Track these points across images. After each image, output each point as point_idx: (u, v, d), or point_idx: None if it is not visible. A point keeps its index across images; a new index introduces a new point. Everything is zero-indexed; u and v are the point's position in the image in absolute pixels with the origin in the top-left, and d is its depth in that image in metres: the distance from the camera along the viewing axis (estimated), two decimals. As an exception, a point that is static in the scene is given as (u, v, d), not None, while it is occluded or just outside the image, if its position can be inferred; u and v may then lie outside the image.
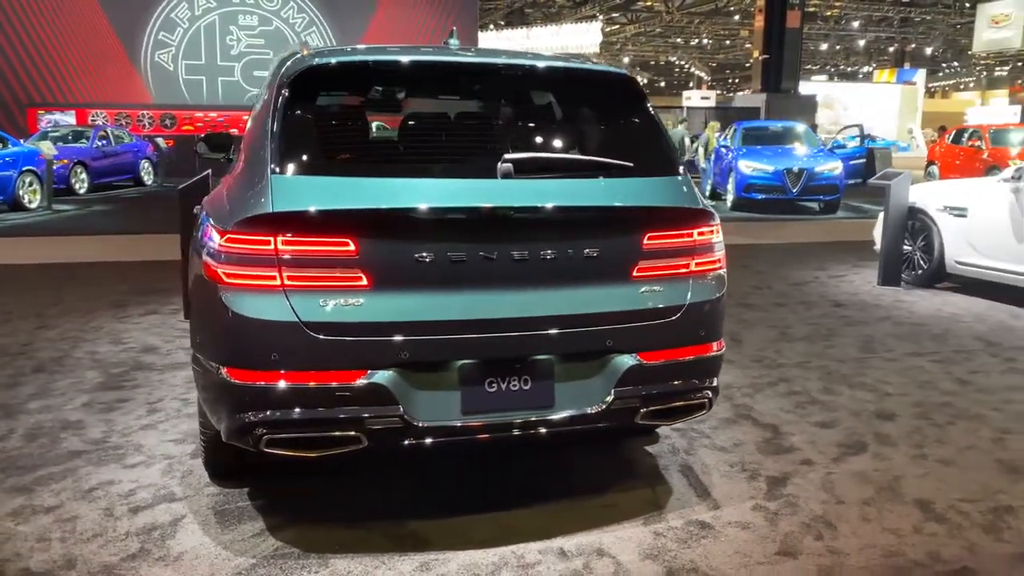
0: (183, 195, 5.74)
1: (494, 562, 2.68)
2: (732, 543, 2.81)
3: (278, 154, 2.56)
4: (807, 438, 3.77)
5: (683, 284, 2.82)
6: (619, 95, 2.95)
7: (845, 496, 3.18)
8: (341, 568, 2.64)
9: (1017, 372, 4.88)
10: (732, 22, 37.70)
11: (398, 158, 2.85)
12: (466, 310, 2.57)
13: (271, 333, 2.49)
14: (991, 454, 3.62)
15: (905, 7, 35.26)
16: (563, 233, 2.65)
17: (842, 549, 2.78)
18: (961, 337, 5.69)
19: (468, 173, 2.64)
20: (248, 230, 2.48)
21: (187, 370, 4.67)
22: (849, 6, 34.59)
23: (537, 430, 2.69)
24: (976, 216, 6.86)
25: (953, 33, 39.21)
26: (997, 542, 2.85)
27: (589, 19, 35.32)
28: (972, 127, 17.71)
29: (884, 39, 41.90)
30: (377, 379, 2.52)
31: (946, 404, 4.27)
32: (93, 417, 3.95)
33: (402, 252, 2.53)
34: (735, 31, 39.58)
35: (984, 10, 23.64)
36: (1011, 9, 22.81)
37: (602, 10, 36.19)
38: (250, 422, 2.54)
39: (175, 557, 2.69)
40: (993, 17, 23.22)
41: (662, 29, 40.47)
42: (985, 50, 25.71)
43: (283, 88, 2.72)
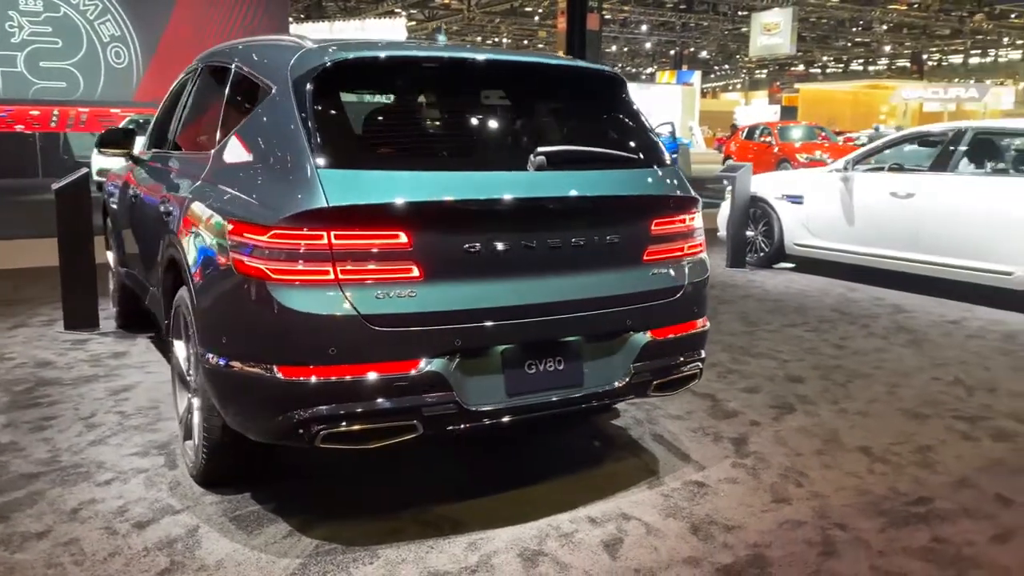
0: (60, 195, 5.32)
1: (535, 535, 2.82)
2: (732, 497, 3.13)
3: (321, 149, 2.55)
4: (743, 403, 4.19)
5: (682, 266, 3.10)
6: (614, 91, 3.18)
7: (800, 449, 3.60)
8: (393, 556, 2.68)
9: (876, 336, 5.63)
10: (531, 22, 38.99)
11: (437, 151, 2.90)
12: (509, 297, 2.69)
13: (329, 327, 2.48)
14: (892, 404, 4.22)
15: (683, 13, 38.09)
16: (590, 221, 2.84)
17: (822, 492, 3.18)
18: (817, 309, 6.44)
19: (503, 165, 2.76)
20: (299, 225, 2.46)
21: (105, 382, 4.38)
22: (636, 11, 36.84)
23: (575, 407, 2.87)
24: (811, 203, 7.74)
25: (725, 38, 42.90)
26: (934, 474, 3.37)
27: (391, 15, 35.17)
28: (763, 124, 19.58)
29: (665, 43, 45.02)
30: (433, 367, 2.58)
31: (837, 367, 4.87)
32: (26, 438, 3.63)
33: (452, 243, 2.61)
34: (534, 31, 40.95)
35: (758, 18, 26.19)
36: (780, 18, 25.46)
37: (403, 6, 36.16)
38: (305, 419, 2.52)
39: (215, 566, 2.61)
40: (766, 25, 25.78)
41: (460, 27, 41.09)
42: (760, 55, 28.46)
43: (306, 82, 2.70)
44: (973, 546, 2.78)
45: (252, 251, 2.54)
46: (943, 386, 4.52)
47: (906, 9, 36.69)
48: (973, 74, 54.19)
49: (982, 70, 55.36)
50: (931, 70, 52.73)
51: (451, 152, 2.90)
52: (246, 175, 2.82)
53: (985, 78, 51.68)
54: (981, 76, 52.81)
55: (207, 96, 3.76)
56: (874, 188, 7.16)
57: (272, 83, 2.88)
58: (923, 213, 6.76)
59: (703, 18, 37.79)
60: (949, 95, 39.95)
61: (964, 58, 55.48)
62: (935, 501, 3.12)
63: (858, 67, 57.63)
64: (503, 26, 39.92)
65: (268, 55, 3.12)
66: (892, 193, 6.99)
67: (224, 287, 2.68)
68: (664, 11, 37.70)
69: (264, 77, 2.97)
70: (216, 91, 3.56)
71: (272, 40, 3.30)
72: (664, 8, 37.42)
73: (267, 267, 2.50)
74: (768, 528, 2.88)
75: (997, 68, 55.45)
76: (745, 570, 2.61)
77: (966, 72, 55.16)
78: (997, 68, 55.45)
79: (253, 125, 2.93)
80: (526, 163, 2.76)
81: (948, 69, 56.24)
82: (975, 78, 51.54)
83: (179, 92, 4.32)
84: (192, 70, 4.17)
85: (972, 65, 56.08)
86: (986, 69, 55.37)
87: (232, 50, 3.57)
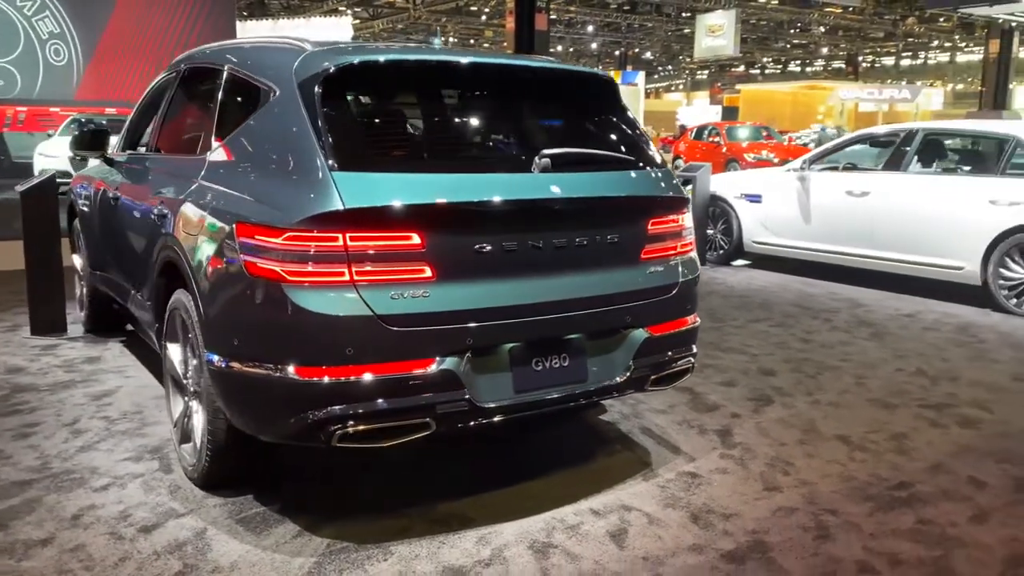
0: (25, 197, 5.21)
1: (542, 528, 2.89)
2: (725, 486, 3.24)
3: (333, 151, 2.57)
4: (722, 396, 4.32)
5: (675, 264, 3.20)
6: (608, 94, 3.27)
7: (782, 439, 3.74)
8: (406, 552, 2.72)
9: (838, 330, 5.84)
10: (478, 22, 38.99)
11: (443, 154, 2.94)
12: (516, 295, 2.76)
13: (346, 328, 2.52)
14: (862, 395, 4.40)
15: (628, 14, 38.52)
16: (592, 221, 2.92)
17: (809, 480, 3.31)
18: (780, 305, 6.65)
19: (508, 167, 2.82)
20: (315, 227, 2.49)
21: (83, 387, 4.32)
22: (582, 11, 37.14)
23: (576, 402, 2.95)
24: (769, 202, 7.97)
25: (668, 39, 43.52)
26: (910, 460, 3.53)
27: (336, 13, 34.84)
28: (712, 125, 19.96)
29: (610, 43, 45.48)
30: (446, 365, 2.63)
31: (806, 359, 5.05)
32: (11, 445, 3.57)
33: (462, 243, 2.66)
34: (480, 31, 40.97)
35: (702, 20, 26.66)
36: (724, 20, 25.97)
37: (347, 5, 35.84)
38: (321, 419, 2.54)
39: (229, 567, 2.62)
40: (710, 27, 26.26)
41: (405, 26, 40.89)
42: (704, 57, 28.95)
43: (313, 85, 2.72)
44: (956, 527, 2.94)
45: (265, 253, 2.55)
46: (907, 376, 4.73)
47: (842, 12, 37.72)
48: (904, 76, 56.02)
49: (912, 72, 57.27)
50: (865, 71, 54.30)
51: (458, 154, 2.95)
52: (251, 177, 2.83)
53: (915, 79, 53.45)
54: (912, 77, 54.62)
55: (195, 98, 3.74)
56: (830, 187, 7.41)
57: (275, 86, 2.89)
58: (877, 211, 7.02)
59: (647, 19, 38.28)
60: (884, 96, 41.22)
61: (896, 60, 57.31)
62: (915, 485, 3.28)
63: (795, 68, 59.07)
64: (449, 25, 39.85)
65: (267, 57, 3.13)
66: (848, 192, 7.24)
67: (234, 290, 2.69)
68: (609, 12, 38.07)
69: (265, 79, 2.98)
70: (205, 93, 3.54)
71: (268, 42, 3.30)
72: (609, 9, 37.79)
73: (282, 269, 2.52)
74: (763, 515, 3.00)
75: (926, 70, 57.42)
76: (748, 555, 2.72)
77: (898, 74, 56.99)
78: (926, 70, 57.42)
79: (255, 127, 2.94)
80: (530, 165, 2.82)
81: (881, 70, 58.02)
82: (906, 79, 53.28)
83: (159, 93, 4.27)
84: (174, 71, 4.12)
85: (903, 67, 57.97)
86: (916, 71, 57.29)
87: (222, 52, 3.56)
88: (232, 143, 3.06)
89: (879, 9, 36.45)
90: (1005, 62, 31.71)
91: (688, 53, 46.97)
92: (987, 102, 32.05)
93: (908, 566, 2.67)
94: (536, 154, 2.85)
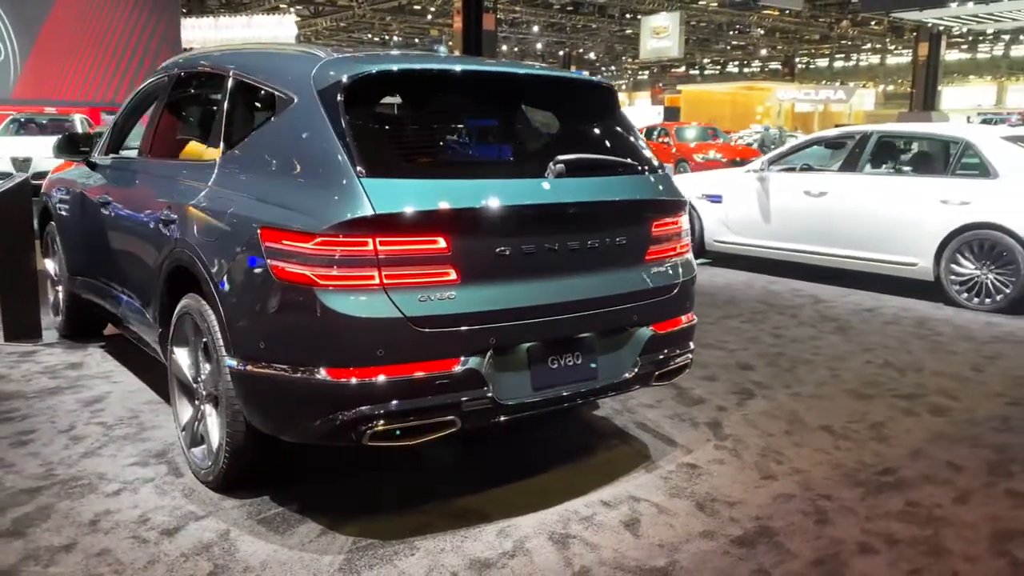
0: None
1: (557, 520, 3.00)
2: (724, 476, 3.40)
3: (360, 158, 2.64)
4: (706, 391, 4.49)
5: (676, 264, 3.34)
6: (610, 101, 3.39)
7: (770, 430, 3.92)
8: (431, 547, 2.81)
9: (805, 325, 6.08)
10: (422, 20, 38.91)
11: (463, 160, 3.03)
12: (534, 296, 2.87)
13: (377, 330, 2.59)
14: (838, 386, 4.62)
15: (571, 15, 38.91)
16: (603, 223, 3.04)
17: (801, 468, 3.49)
18: (746, 302, 6.88)
19: (524, 173, 2.92)
20: (346, 232, 2.56)
21: (72, 394, 4.28)
22: (527, 11, 37.38)
23: (588, 398, 3.06)
24: (730, 202, 8.22)
25: (611, 40, 44.07)
26: (891, 447, 3.75)
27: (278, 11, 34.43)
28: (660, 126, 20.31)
29: (555, 43, 45.84)
30: (471, 365, 2.73)
31: (779, 354, 5.26)
32: (10, 453, 3.53)
33: (484, 247, 2.75)
34: (425, 29, 40.89)
35: (647, 22, 27.13)
36: (668, 22, 26.47)
37: (289, 1, 35.44)
38: (352, 419, 2.61)
39: (260, 567, 2.67)
40: (655, 29, 26.73)
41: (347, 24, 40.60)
42: (649, 58, 29.47)
43: (335, 93, 2.78)
44: (942, 507, 3.15)
45: (294, 258, 2.61)
46: (876, 368, 4.97)
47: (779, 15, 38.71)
48: (838, 77, 57.70)
49: (845, 73, 59.07)
50: (800, 73, 55.76)
51: (476, 160, 3.05)
52: (271, 183, 2.87)
53: (848, 80, 55.08)
54: (845, 79, 56.28)
55: (195, 103, 3.74)
56: (789, 187, 7.68)
57: (292, 93, 2.94)
58: (835, 210, 7.31)
59: (591, 20, 38.72)
60: (820, 96, 42.37)
61: (829, 62, 59.03)
62: (899, 471, 3.48)
63: (734, 69, 60.39)
64: (394, 23, 39.68)
65: (280, 65, 3.17)
66: (806, 192, 7.52)
67: (260, 294, 2.73)
68: (553, 12, 38.41)
69: (280, 87, 3.02)
70: (208, 98, 3.56)
71: (277, 49, 3.35)
72: (552, 9, 38.13)
73: (313, 273, 2.58)
74: (764, 502, 3.16)
75: (858, 71, 59.28)
76: (756, 540, 2.87)
77: (831, 75, 58.69)
78: (858, 71, 59.28)
79: (272, 134, 2.98)
80: (544, 170, 2.93)
81: (815, 72, 59.69)
82: (840, 80, 54.87)
83: (149, 98, 4.26)
84: (164, 76, 4.11)
85: (836, 68, 59.76)
86: (848, 72, 59.10)
87: (225, 57, 3.58)
88: (246, 149, 3.09)
89: (815, 12, 37.51)
90: (934, 65, 32.97)
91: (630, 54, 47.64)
92: (917, 103, 33.30)
93: (905, 545, 2.86)
94: (548, 160, 2.96)
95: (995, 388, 4.63)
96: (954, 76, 54.24)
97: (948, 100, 46.50)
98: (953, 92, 52.98)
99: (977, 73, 56.72)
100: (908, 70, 48.91)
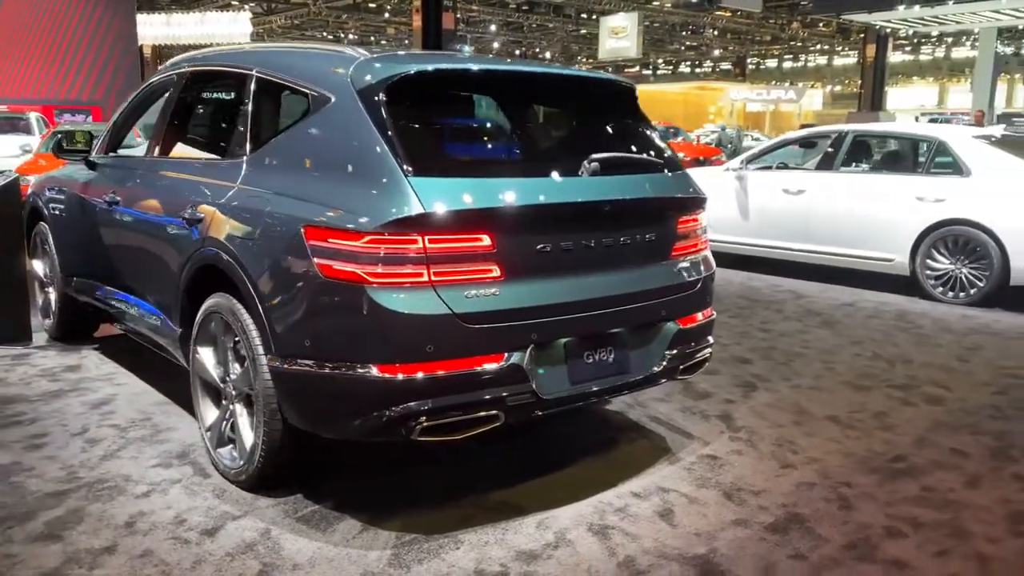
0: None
1: (593, 511, 3.07)
2: (744, 466, 3.49)
3: (407, 158, 2.67)
4: (711, 384, 4.59)
5: (698, 260, 3.43)
6: (633, 101, 3.46)
7: (779, 421, 4.04)
8: (475, 540, 2.84)
9: (791, 319, 6.24)
10: (379, 19, 38.66)
11: (502, 159, 3.06)
12: (572, 292, 2.92)
13: (428, 326, 2.62)
14: (834, 379, 4.76)
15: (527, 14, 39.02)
16: (634, 220, 3.11)
17: (817, 457, 3.60)
18: (730, 298, 7.02)
19: (560, 171, 2.97)
20: (397, 230, 2.58)
21: (76, 396, 4.21)
22: (483, 10, 37.40)
23: (620, 392, 3.13)
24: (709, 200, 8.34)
25: (568, 40, 44.31)
26: (896, 435, 3.89)
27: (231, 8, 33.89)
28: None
29: (512, 42, 45.92)
30: (514, 360, 2.77)
31: (772, 348, 5.40)
32: (27, 457, 3.48)
33: (526, 244, 2.80)
34: (381, 27, 40.62)
35: (606, 22, 27.37)
36: (627, 23, 26.74)
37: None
38: (401, 414, 2.64)
39: (308, 564, 2.68)
40: (613, 29, 26.99)
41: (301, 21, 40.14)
42: (608, 58, 29.69)
43: (376, 93, 2.80)
44: (955, 492, 3.28)
45: (343, 256, 2.62)
46: (867, 360, 5.13)
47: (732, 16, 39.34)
48: (787, 77, 58.84)
49: (794, 73, 60.26)
50: (750, 73, 56.74)
51: (515, 159, 3.09)
52: (313, 182, 2.87)
53: (797, 81, 56.22)
54: (794, 79, 57.43)
55: (212, 102, 3.71)
56: (767, 186, 7.86)
57: (328, 92, 2.95)
58: (813, 208, 7.50)
59: (548, 20, 38.87)
60: (771, 96, 43.14)
61: (779, 62, 60.17)
62: (908, 458, 3.62)
63: (686, 69, 61.19)
64: (349, 21, 39.36)
65: (311, 64, 3.17)
66: (784, 190, 7.70)
67: (305, 292, 2.74)
68: (509, 11, 38.48)
69: (314, 86, 3.02)
70: (226, 98, 3.54)
71: (302, 48, 3.34)
72: (508, 8, 38.21)
73: (363, 271, 2.59)
74: (788, 490, 3.26)
75: (807, 72, 60.52)
76: (788, 526, 2.97)
77: (781, 75, 59.82)
78: (807, 72, 60.52)
79: (310, 133, 2.99)
80: (578, 168, 2.99)
81: (765, 72, 60.78)
82: (789, 81, 55.97)
83: (156, 96, 4.20)
84: (174, 74, 4.05)
85: (786, 69, 60.93)
86: (797, 73, 60.31)
87: (243, 56, 3.57)
88: (278, 148, 3.09)
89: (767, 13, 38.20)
90: (881, 66, 33.89)
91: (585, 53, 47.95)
92: (865, 103, 34.19)
93: (929, 528, 2.98)
94: (578, 158, 3.01)
95: (982, 378, 4.82)
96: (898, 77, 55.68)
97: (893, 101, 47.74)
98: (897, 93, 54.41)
99: (920, 75, 58.33)
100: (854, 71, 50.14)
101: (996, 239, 6.46)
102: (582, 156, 3.02)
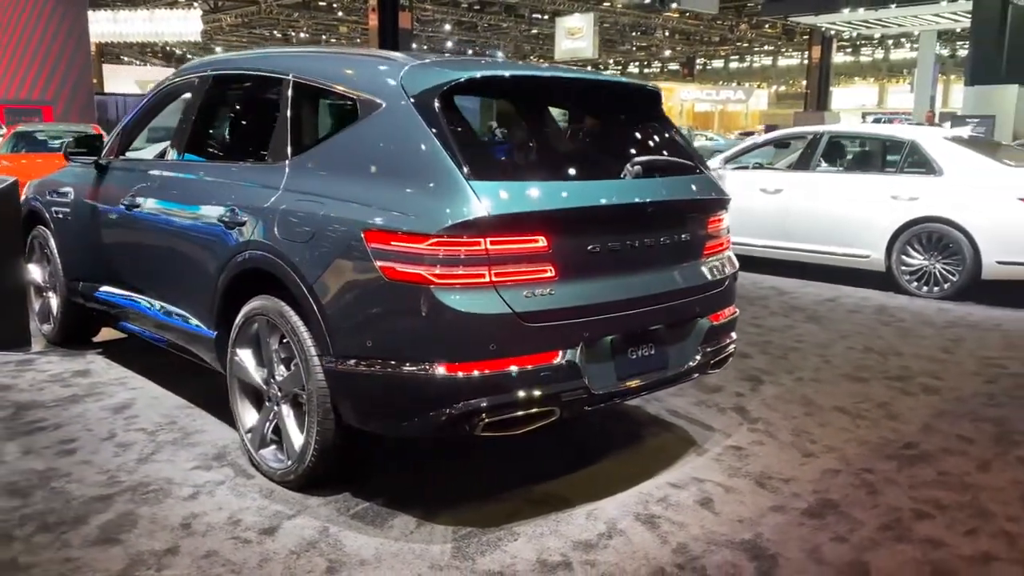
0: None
1: (637, 501, 3.18)
2: (769, 457, 3.64)
3: (466, 162, 2.74)
4: (719, 379, 4.74)
5: (725, 258, 3.57)
6: (660, 106, 3.58)
7: (791, 413, 4.20)
8: (530, 531, 2.93)
9: (778, 315, 6.45)
10: (331, 17, 38.34)
11: (555, 162, 3.15)
12: (619, 291, 3.03)
13: (491, 325, 2.70)
14: (833, 371, 4.95)
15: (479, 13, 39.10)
16: (673, 221, 3.24)
17: (835, 446, 3.77)
18: (715, 294, 7.20)
19: (605, 174, 3.07)
20: (460, 233, 2.65)
21: (94, 401, 4.18)
22: (437, 9, 37.36)
23: (661, 387, 3.25)
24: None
25: (521, 40, 44.50)
26: (903, 424, 4.08)
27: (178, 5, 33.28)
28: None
29: (465, 42, 45.93)
30: (569, 357, 2.87)
31: (767, 342, 5.59)
32: (62, 462, 3.46)
33: (578, 244, 2.90)
34: (334, 26, 40.29)
35: (562, 23, 27.61)
36: (583, 23, 27.02)
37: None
38: (467, 411, 2.71)
39: (374, 559, 2.74)
40: (569, 29, 27.25)
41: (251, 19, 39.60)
42: (565, 58, 29.92)
43: (431, 98, 2.87)
44: (970, 475, 3.48)
45: (407, 258, 2.69)
46: (860, 353, 5.35)
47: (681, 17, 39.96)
48: (734, 77, 59.94)
49: (740, 74, 61.39)
50: (698, 73, 57.66)
51: (564, 162, 3.18)
52: (369, 186, 2.92)
53: (743, 81, 57.34)
54: (740, 79, 58.55)
55: (243, 106, 3.72)
56: (746, 185, 8.07)
57: (377, 98, 3.00)
58: (790, 206, 7.74)
59: (501, 19, 39.00)
60: (721, 97, 43.93)
61: (725, 63, 61.24)
62: (919, 444, 3.81)
63: (635, 69, 61.89)
64: (301, 20, 38.95)
65: (355, 70, 3.21)
66: (762, 189, 7.93)
67: (367, 293, 2.79)
68: (462, 11, 38.52)
69: (361, 92, 3.07)
70: (262, 101, 3.56)
71: (340, 54, 3.38)
72: (461, 8, 38.24)
73: (428, 273, 2.66)
74: (815, 478, 3.42)
75: (752, 72, 61.71)
76: (824, 511, 3.12)
77: (728, 76, 60.89)
78: (752, 72, 61.71)
79: (360, 138, 3.03)
80: (620, 172, 3.09)
81: (712, 73, 61.79)
82: (736, 81, 57.05)
83: (176, 100, 4.19)
84: (195, 77, 4.04)
85: (732, 69, 62.03)
86: (743, 73, 61.45)
87: (274, 60, 3.59)
88: (325, 152, 3.14)
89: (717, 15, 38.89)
90: (826, 67, 34.79)
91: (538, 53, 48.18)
92: (811, 103, 35.05)
93: (953, 509, 3.16)
94: (621, 160, 3.12)
95: (970, 368, 5.06)
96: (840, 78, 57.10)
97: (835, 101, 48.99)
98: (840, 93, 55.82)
99: (861, 75, 59.91)
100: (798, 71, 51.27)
101: (968, 235, 6.76)
102: (622, 159, 3.13)
